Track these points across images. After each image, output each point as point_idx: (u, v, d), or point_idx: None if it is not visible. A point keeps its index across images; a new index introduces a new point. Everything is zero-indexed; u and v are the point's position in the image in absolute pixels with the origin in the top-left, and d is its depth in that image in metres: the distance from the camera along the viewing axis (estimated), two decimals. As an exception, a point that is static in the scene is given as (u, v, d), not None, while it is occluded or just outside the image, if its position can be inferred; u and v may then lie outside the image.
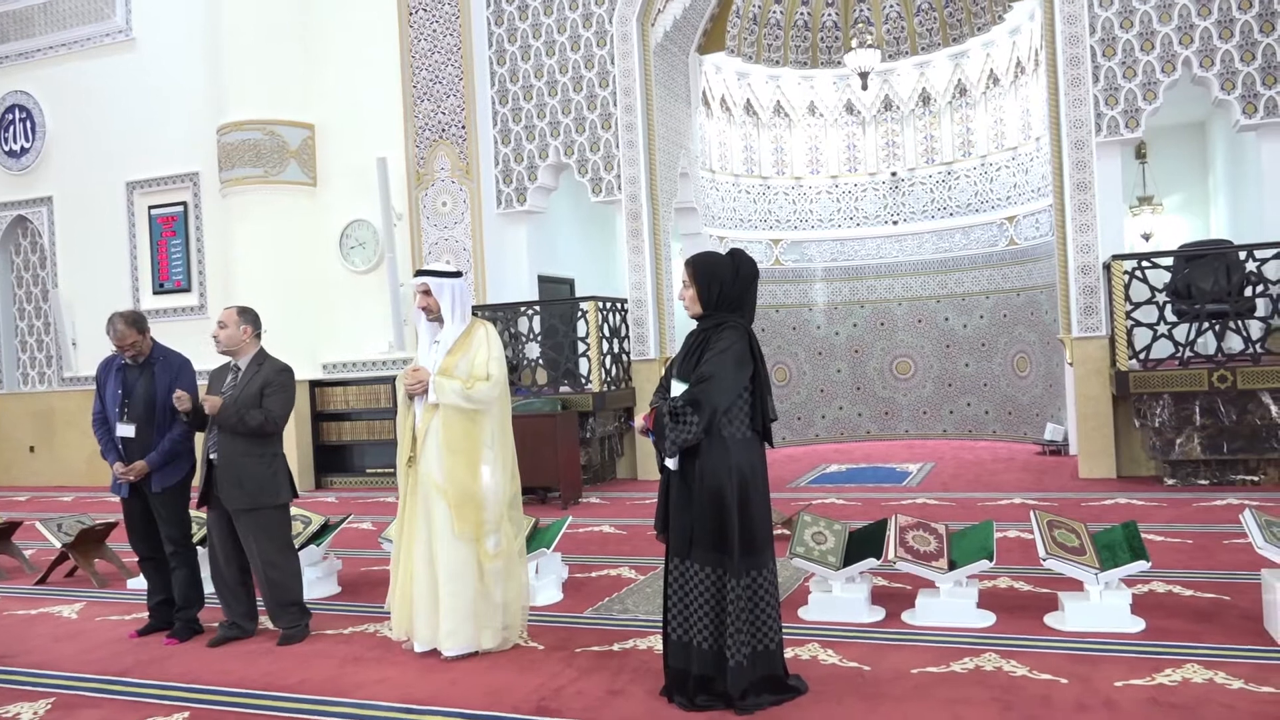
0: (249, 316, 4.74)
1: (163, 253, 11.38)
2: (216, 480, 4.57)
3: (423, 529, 4.23)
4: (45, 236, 12.00)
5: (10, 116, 12.12)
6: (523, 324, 9.56)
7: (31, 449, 12.09)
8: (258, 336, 4.76)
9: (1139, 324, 7.65)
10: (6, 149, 12.12)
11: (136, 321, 4.80)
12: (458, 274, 4.41)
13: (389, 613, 4.41)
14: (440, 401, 4.18)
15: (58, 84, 11.86)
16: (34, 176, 12.03)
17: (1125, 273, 7.67)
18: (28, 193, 12.07)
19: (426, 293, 4.30)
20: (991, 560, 4.31)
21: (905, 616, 4.36)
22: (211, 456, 4.59)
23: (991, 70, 11.17)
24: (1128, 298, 7.66)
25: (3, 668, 4.41)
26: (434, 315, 4.33)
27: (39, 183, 12.01)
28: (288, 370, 4.73)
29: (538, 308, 9.56)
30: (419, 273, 4.39)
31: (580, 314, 9.32)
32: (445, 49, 10.01)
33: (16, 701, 3.91)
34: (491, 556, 4.20)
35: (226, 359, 4.76)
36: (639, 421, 3.48)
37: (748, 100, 11.93)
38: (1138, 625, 4.05)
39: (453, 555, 4.15)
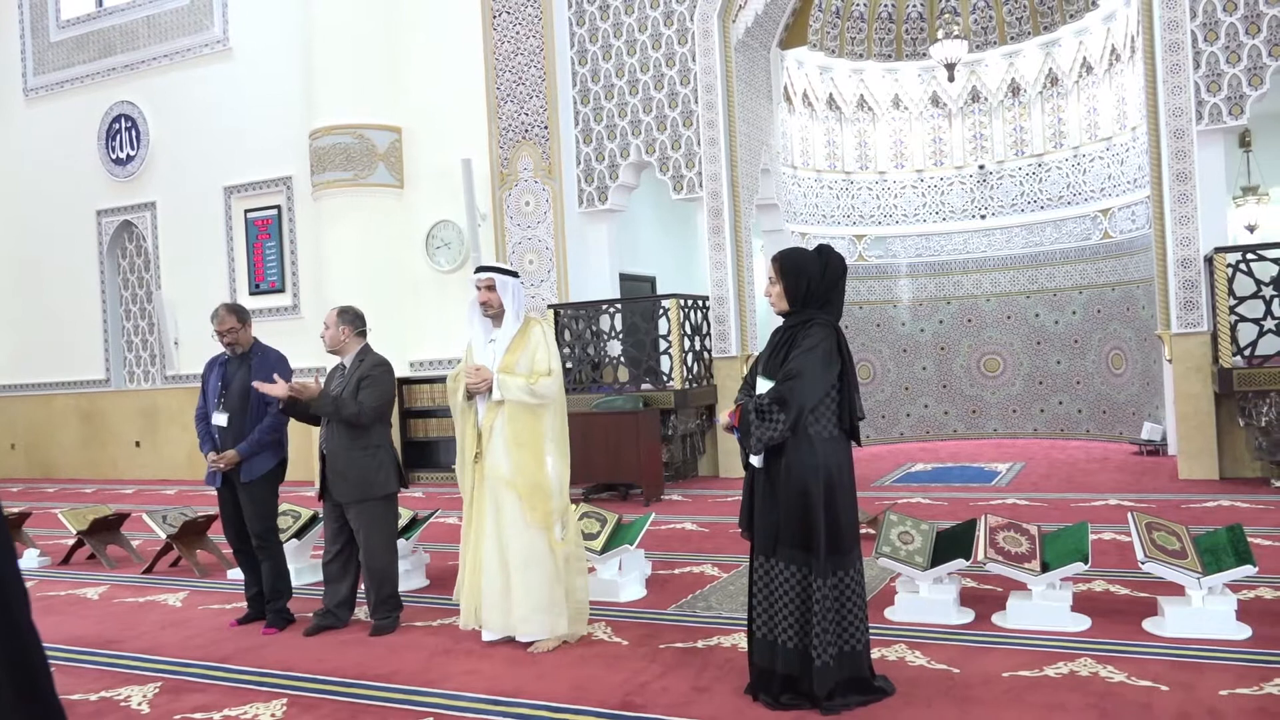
0: (348, 317, 4.89)
1: (258, 254, 11.77)
2: (326, 473, 4.73)
3: (492, 522, 4.33)
4: (149, 240, 12.52)
5: (117, 126, 12.67)
6: (604, 322, 9.62)
7: (137, 444, 12.64)
8: (360, 334, 4.91)
9: (1243, 319, 7.34)
10: (114, 157, 12.68)
11: (237, 310, 5.02)
12: (516, 274, 4.49)
13: (458, 604, 4.51)
14: (506, 398, 4.26)
15: (160, 93, 12.35)
16: (139, 183, 12.56)
17: (1229, 266, 7.36)
18: (133, 199, 12.61)
19: (490, 288, 4.38)
20: (1087, 563, 4.18)
21: (995, 619, 4.27)
22: (323, 450, 4.75)
23: (1084, 58, 10.82)
24: (1231, 292, 7.35)
25: (114, 652, 4.62)
26: (494, 310, 4.41)
27: (143, 189, 12.54)
28: (384, 364, 4.87)
29: (619, 305, 9.61)
30: (483, 268, 4.45)
31: (662, 311, 9.33)
32: (528, 51, 10.13)
33: (128, 685, 4.10)
34: (560, 543, 4.33)
35: (338, 358, 4.94)
36: (724, 418, 3.47)
37: (830, 94, 11.78)
38: (1243, 632, 3.90)
39: (525, 545, 4.27)
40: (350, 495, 4.68)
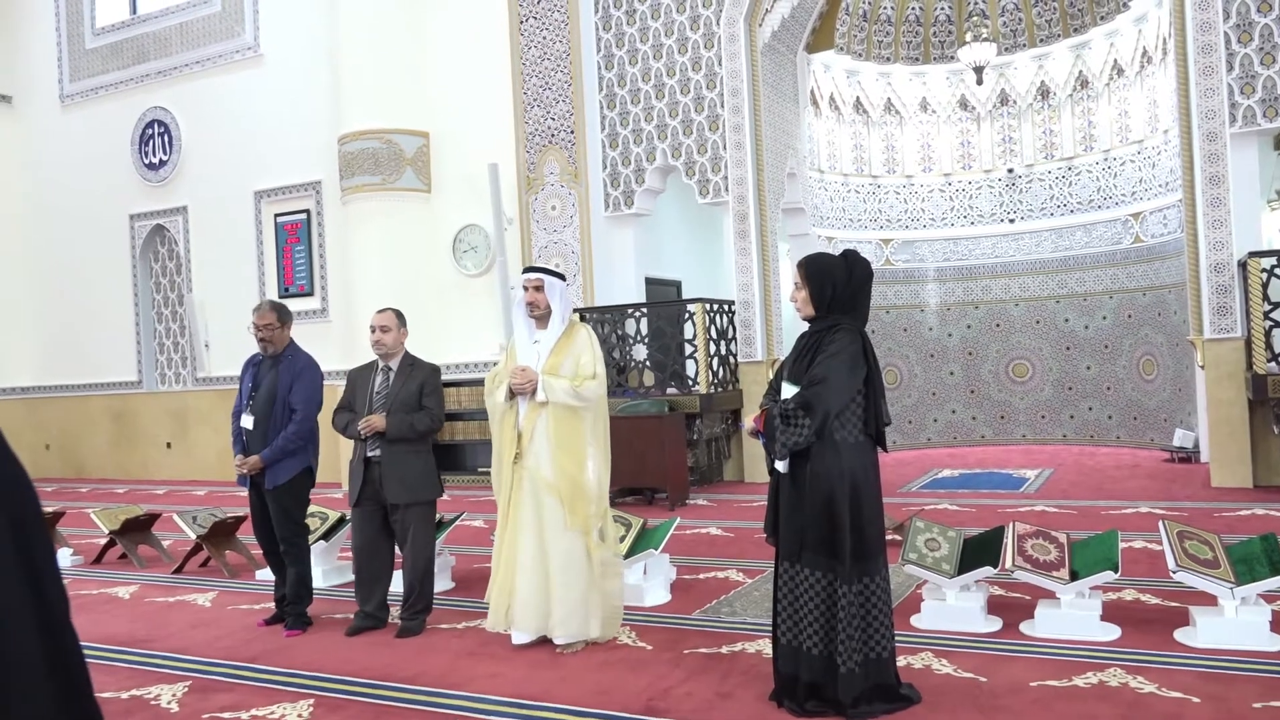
0: (403, 318, 4.94)
1: (287, 258, 11.89)
2: (380, 477, 4.73)
3: (532, 523, 4.33)
4: (181, 244, 12.68)
5: (150, 131, 12.85)
6: (630, 326, 9.62)
7: (168, 445, 12.79)
8: None
9: (1278, 324, 7.23)
10: (147, 162, 12.86)
11: (278, 308, 5.05)
12: (564, 277, 4.51)
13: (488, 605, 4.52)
14: (550, 400, 4.27)
15: (192, 99, 12.52)
16: (171, 188, 12.73)
17: (1263, 270, 7.26)
18: (165, 203, 12.77)
19: (539, 289, 4.39)
20: (1116, 571, 4.13)
21: (1023, 627, 4.23)
22: (370, 454, 4.76)
23: (1115, 61, 10.71)
24: (1266, 297, 7.25)
25: (145, 651, 4.68)
26: (540, 311, 4.41)
27: (175, 193, 12.71)
28: (439, 370, 4.97)
29: (645, 310, 9.62)
30: (532, 269, 4.47)
31: (687, 316, 9.33)
32: (555, 55, 10.17)
33: (158, 684, 4.15)
34: (599, 546, 4.34)
35: (360, 360, 4.96)
36: (749, 423, 3.47)
37: (857, 98, 11.74)
38: (1277, 644, 3.83)
39: (565, 547, 4.28)
40: (406, 497, 4.72)
